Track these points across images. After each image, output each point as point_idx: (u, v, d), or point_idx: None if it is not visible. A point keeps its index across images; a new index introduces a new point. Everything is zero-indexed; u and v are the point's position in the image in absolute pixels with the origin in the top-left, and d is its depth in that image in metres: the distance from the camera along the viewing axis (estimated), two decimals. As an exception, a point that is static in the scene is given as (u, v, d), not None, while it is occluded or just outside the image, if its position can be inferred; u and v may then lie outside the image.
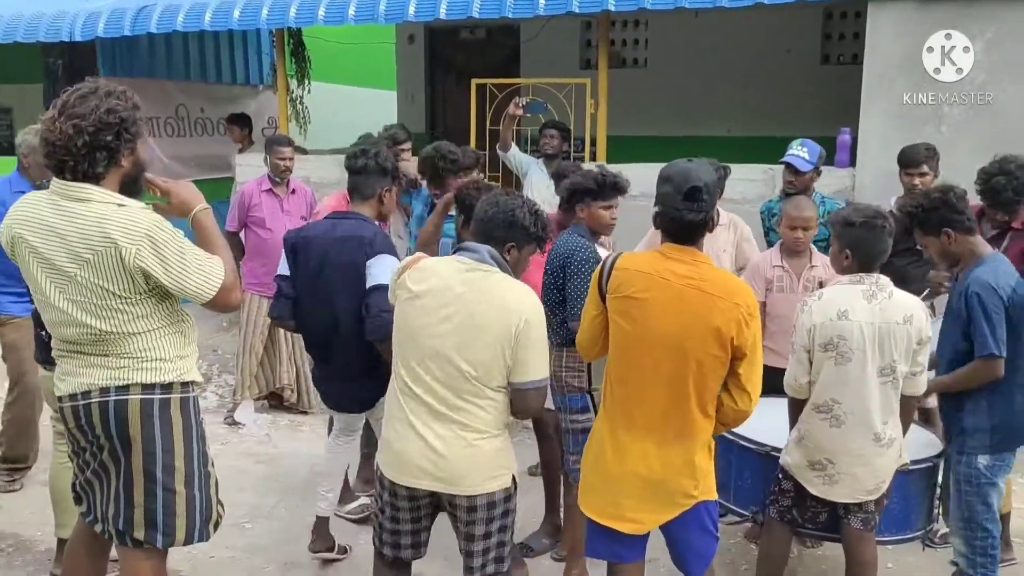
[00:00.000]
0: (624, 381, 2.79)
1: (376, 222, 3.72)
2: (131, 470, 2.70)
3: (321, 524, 3.98)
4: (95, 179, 2.60)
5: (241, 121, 8.33)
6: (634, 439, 2.76)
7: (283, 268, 3.72)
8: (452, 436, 2.76)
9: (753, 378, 2.74)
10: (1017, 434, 3.41)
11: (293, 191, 5.86)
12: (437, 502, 2.89)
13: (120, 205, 2.60)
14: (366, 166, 3.63)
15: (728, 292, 2.68)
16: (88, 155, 2.56)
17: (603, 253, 3.90)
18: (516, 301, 2.74)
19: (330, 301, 3.59)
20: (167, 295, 2.71)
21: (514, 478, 2.90)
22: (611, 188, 3.68)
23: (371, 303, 3.43)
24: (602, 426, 2.87)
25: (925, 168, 4.53)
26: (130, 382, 2.68)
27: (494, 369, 2.74)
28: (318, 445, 4.78)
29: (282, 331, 5.76)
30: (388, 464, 2.87)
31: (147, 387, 2.69)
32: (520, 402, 2.81)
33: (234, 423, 5.93)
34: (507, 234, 2.86)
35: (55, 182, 2.62)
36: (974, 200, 4.14)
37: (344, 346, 3.62)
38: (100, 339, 2.66)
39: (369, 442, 4.38)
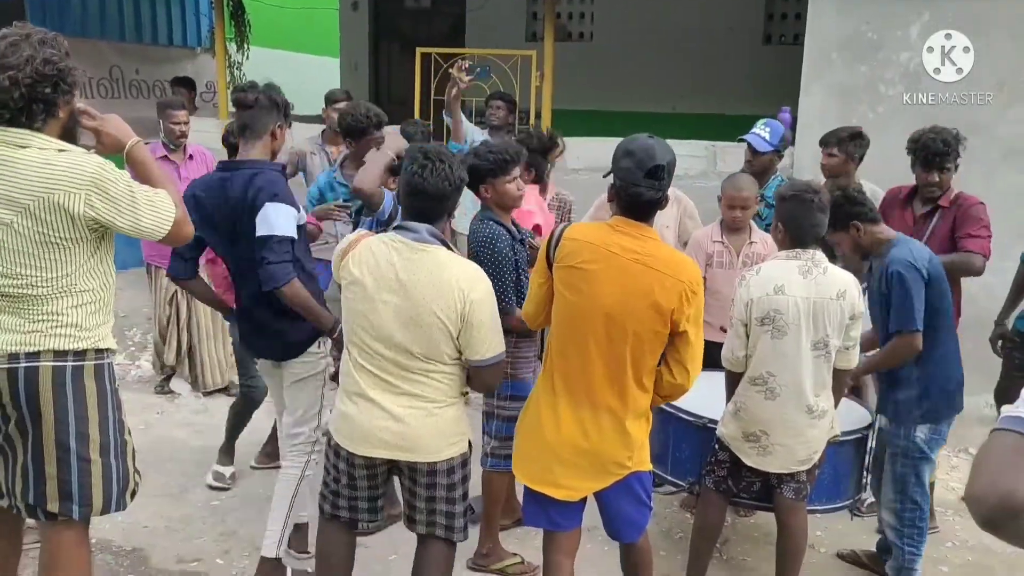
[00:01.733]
0: (564, 352, 2.80)
1: (269, 161, 3.46)
2: (41, 441, 2.61)
3: (264, 566, 3.54)
4: (31, 128, 2.51)
5: (186, 84, 8.09)
6: (570, 407, 2.79)
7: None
8: (410, 407, 2.76)
9: (692, 353, 2.77)
10: (949, 402, 3.51)
11: (191, 156, 5.64)
12: (391, 468, 2.90)
13: (61, 150, 2.52)
14: (257, 100, 3.40)
15: (673, 268, 2.70)
16: (25, 108, 2.48)
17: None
18: (460, 281, 2.70)
19: (235, 259, 3.45)
20: (100, 246, 2.64)
21: (470, 443, 2.92)
22: (510, 162, 3.49)
23: (260, 255, 3.26)
24: (539, 395, 2.89)
25: (835, 151, 4.53)
26: (41, 348, 2.57)
27: (444, 348, 2.73)
28: (255, 415, 4.71)
29: (176, 308, 5.67)
30: (345, 435, 2.85)
31: (59, 354, 2.59)
32: (477, 378, 2.84)
33: (170, 392, 5.82)
34: (456, 199, 2.82)
35: None
36: (908, 181, 4.27)
37: (254, 298, 3.45)
38: (19, 295, 2.55)
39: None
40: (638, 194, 2.68)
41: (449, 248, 2.79)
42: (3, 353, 2.57)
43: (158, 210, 2.62)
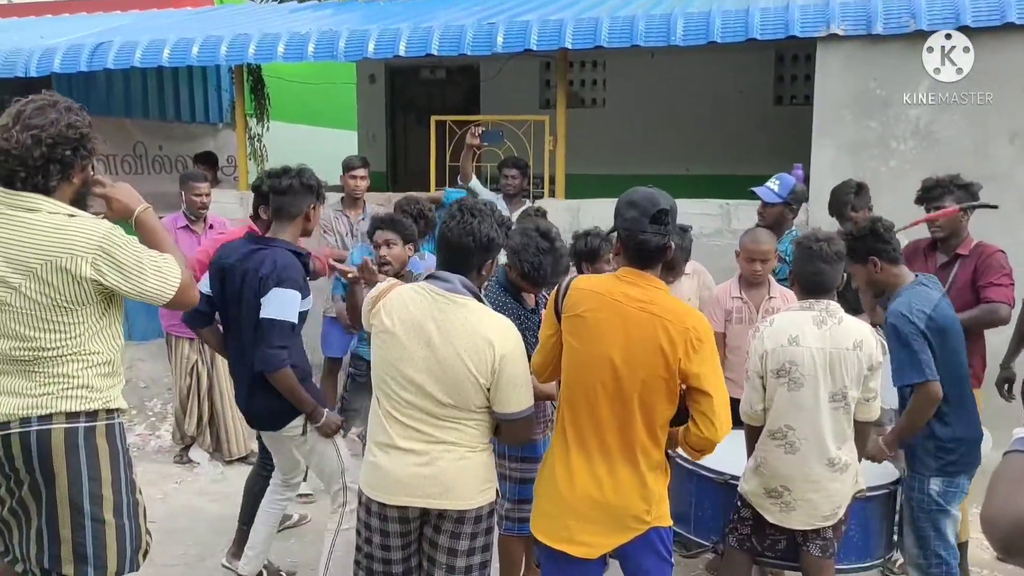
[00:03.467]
0: (573, 402, 2.78)
1: (294, 245, 3.61)
2: (55, 504, 2.59)
3: None
4: (45, 192, 2.56)
5: (209, 160, 8.27)
6: (583, 459, 2.75)
7: (203, 286, 3.63)
8: (443, 452, 2.73)
9: (713, 405, 2.71)
10: (967, 457, 3.44)
11: (211, 226, 5.78)
12: (422, 523, 2.83)
13: (71, 215, 2.57)
14: (291, 186, 3.54)
15: (678, 316, 2.69)
16: (43, 167, 2.53)
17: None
18: (492, 336, 2.69)
19: (238, 327, 3.60)
20: (108, 310, 2.66)
21: (497, 492, 2.88)
22: (551, 279, 3.53)
23: (262, 337, 3.45)
24: (554, 449, 2.86)
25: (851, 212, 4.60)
26: (53, 411, 2.57)
27: (474, 398, 2.72)
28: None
29: (197, 378, 5.70)
30: (376, 487, 2.80)
31: (71, 416, 2.59)
32: (507, 432, 2.83)
33: (188, 461, 5.81)
34: (484, 257, 2.83)
35: (0, 191, 2.57)
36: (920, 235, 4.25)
37: (244, 368, 3.60)
38: (30, 359, 2.57)
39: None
40: (645, 241, 2.70)
41: (481, 300, 2.79)
42: (15, 417, 2.57)
43: (163, 275, 2.65)
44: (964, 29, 5.52)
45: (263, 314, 3.43)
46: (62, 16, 10.42)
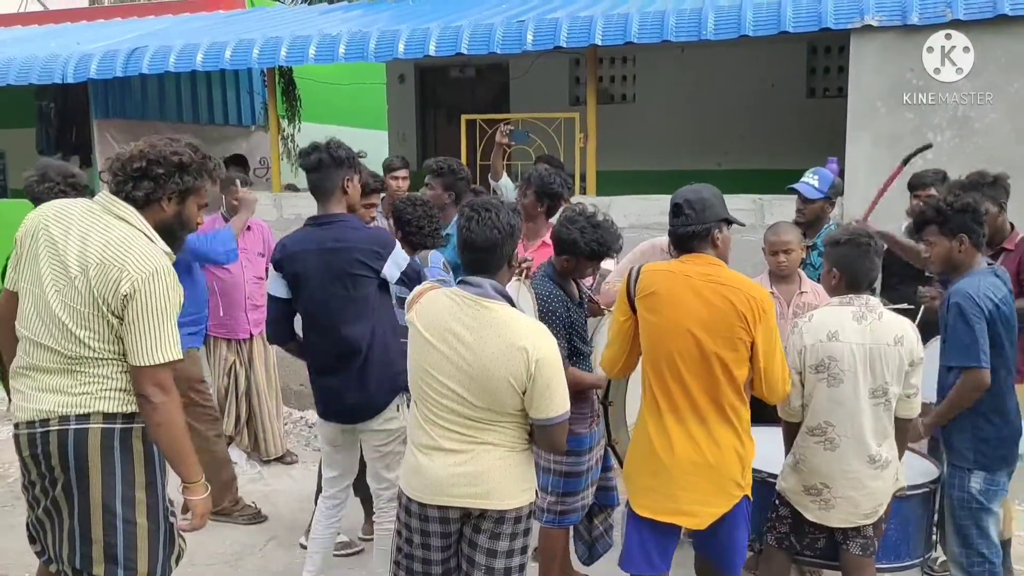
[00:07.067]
0: (659, 371, 2.97)
1: (351, 215, 3.58)
2: (88, 504, 2.63)
3: None
4: (133, 203, 2.66)
5: (240, 162, 8.34)
6: (678, 423, 2.94)
7: (272, 287, 3.60)
8: (482, 452, 2.73)
9: (777, 367, 2.97)
10: (1006, 452, 3.38)
11: (249, 228, 5.80)
12: (462, 524, 2.82)
13: (149, 239, 2.65)
14: (320, 161, 3.46)
15: (744, 285, 2.97)
16: (137, 179, 2.65)
17: (610, 265, 3.92)
18: (526, 341, 2.67)
19: (323, 317, 3.52)
20: None
21: (537, 493, 2.88)
22: (600, 257, 3.58)
23: (398, 295, 3.52)
24: (645, 422, 3.02)
25: (933, 191, 4.52)
26: (91, 411, 2.62)
27: (509, 403, 2.71)
28: (310, 483, 4.73)
29: (235, 378, 5.71)
30: (417, 488, 2.81)
31: (108, 416, 2.64)
32: (542, 437, 2.79)
33: (226, 461, 5.87)
34: (511, 247, 2.81)
35: (100, 195, 2.71)
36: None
37: (344, 357, 3.51)
38: (75, 357, 2.61)
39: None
40: (672, 232, 3.07)
41: (512, 304, 2.77)
42: (54, 416, 2.62)
43: (160, 343, 2.59)
44: (1002, 18, 5.42)
45: (394, 278, 3.48)
46: (97, 22, 10.56)
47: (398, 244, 3.57)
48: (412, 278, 3.48)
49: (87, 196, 3.03)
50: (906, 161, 4.32)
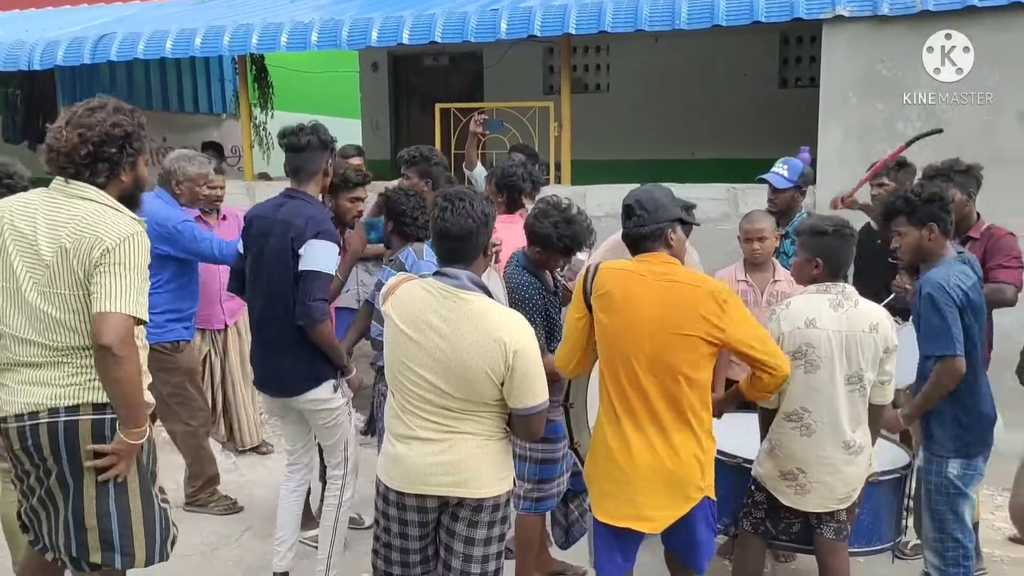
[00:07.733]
0: (615, 375, 2.90)
1: (319, 198, 3.70)
2: (82, 493, 2.63)
3: None
4: (96, 187, 2.65)
5: (215, 149, 8.24)
6: (635, 429, 2.87)
7: (240, 245, 3.76)
8: (459, 441, 2.73)
9: (763, 353, 2.91)
10: (982, 436, 3.43)
11: (224, 217, 5.74)
12: (440, 513, 2.83)
13: (116, 210, 2.64)
14: (309, 143, 3.57)
15: (699, 280, 2.96)
16: (90, 165, 2.62)
17: (583, 256, 3.92)
18: (503, 332, 2.67)
19: (262, 281, 3.61)
20: None
21: (514, 481, 2.90)
22: (573, 252, 3.63)
23: (303, 289, 3.47)
24: (604, 428, 2.96)
25: (884, 179, 4.63)
26: (80, 401, 2.61)
27: (487, 393, 2.71)
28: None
29: (210, 368, 5.65)
30: (395, 477, 2.80)
31: (98, 407, 2.63)
32: (521, 426, 2.79)
33: (201, 452, 5.82)
34: (486, 235, 2.81)
35: (56, 181, 2.67)
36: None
37: (270, 323, 3.61)
38: (61, 348, 2.60)
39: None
40: (625, 233, 3.04)
41: (489, 295, 2.77)
42: (43, 408, 2.60)
43: (132, 301, 2.55)
44: (971, 9, 5.49)
45: (303, 266, 3.45)
46: (63, 8, 10.38)
47: (327, 241, 3.51)
48: (324, 283, 3.51)
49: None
50: (911, 142, 4.37)
